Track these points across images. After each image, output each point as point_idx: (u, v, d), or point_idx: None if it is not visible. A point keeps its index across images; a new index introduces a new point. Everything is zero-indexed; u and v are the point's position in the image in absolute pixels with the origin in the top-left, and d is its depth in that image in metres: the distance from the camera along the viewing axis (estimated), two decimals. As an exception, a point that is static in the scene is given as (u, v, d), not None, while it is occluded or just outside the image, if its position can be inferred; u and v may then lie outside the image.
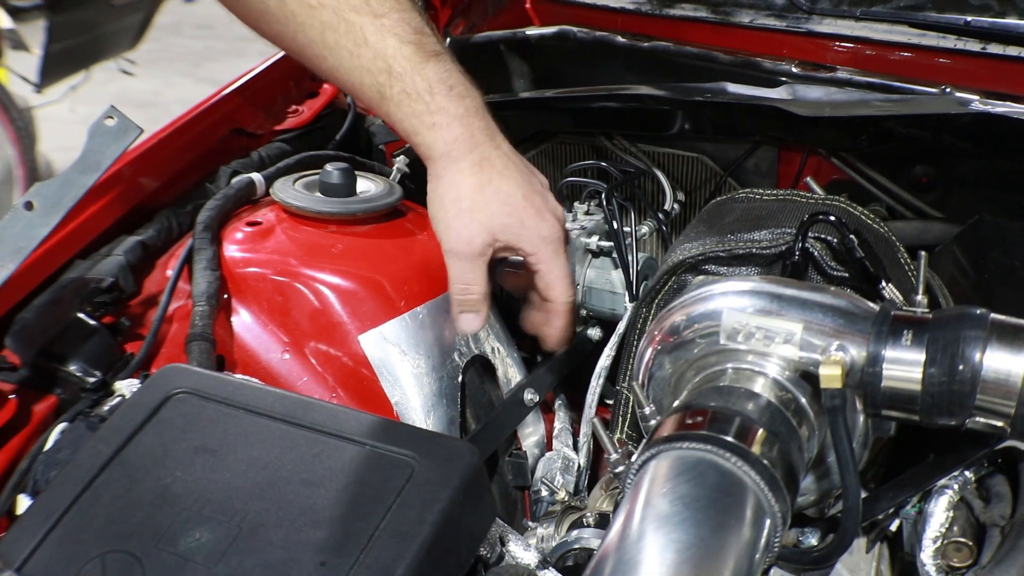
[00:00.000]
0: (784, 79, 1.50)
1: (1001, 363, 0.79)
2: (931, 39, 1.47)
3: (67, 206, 1.04)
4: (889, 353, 0.82)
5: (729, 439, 0.80)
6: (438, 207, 1.09)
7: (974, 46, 1.45)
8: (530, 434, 1.37)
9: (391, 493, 0.80)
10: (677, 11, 1.68)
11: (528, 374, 1.36)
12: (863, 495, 0.98)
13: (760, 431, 0.84)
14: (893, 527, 0.97)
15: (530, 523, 1.26)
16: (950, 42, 1.46)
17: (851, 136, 1.42)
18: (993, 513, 0.88)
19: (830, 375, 0.82)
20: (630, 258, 1.38)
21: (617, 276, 1.40)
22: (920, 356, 0.81)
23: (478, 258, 1.09)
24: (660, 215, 1.51)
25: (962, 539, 0.88)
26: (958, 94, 1.37)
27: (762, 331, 0.89)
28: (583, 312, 1.46)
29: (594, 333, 1.44)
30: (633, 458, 0.85)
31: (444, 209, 1.08)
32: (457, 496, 0.80)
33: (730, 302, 0.92)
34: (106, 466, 0.86)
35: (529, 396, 1.31)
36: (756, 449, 0.82)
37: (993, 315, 0.82)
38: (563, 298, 1.15)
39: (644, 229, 1.48)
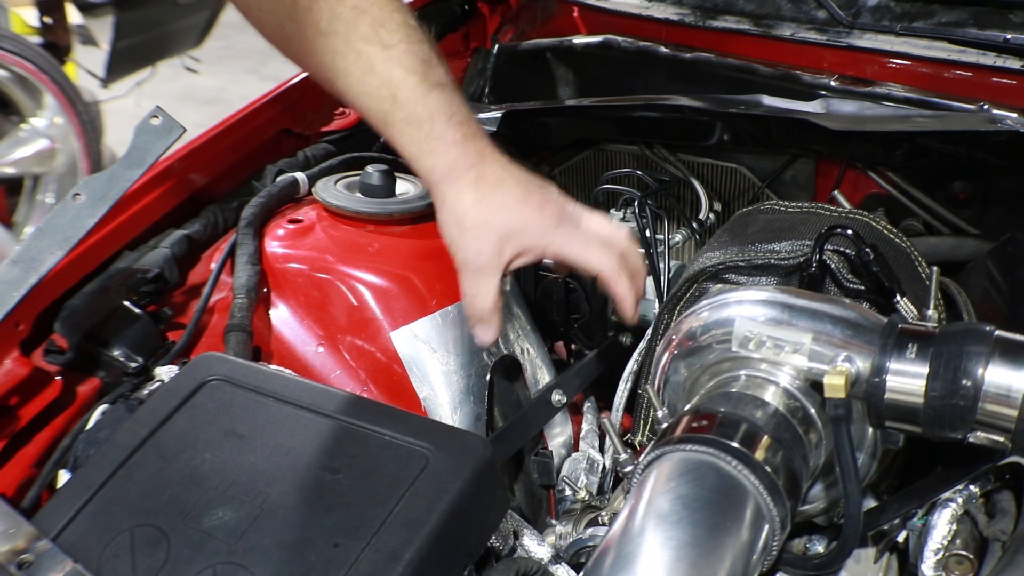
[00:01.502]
0: (823, 92, 1.51)
1: (1003, 378, 0.81)
2: (971, 56, 1.47)
3: (113, 199, 1.09)
4: (893, 365, 0.84)
5: (731, 443, 0.83)
6: (446, 229, 1.12)
7: (1014, 63, 1.45)
8: (558, 435, 1.40)
9: (405, 482, 0.83)
10: (720, 23, 1.70)
11: (558, 376, 1.39)
12: (872, 505, 1.00)
13: (765, 438, 0.86)
14: (900, 538, 0.98)
15: (552, 521, 1.29)
16: (990, 59, 1.46)
17: (885, 150, 1.43)
18: (996, 528, 0.89)
19: (834, 384, 0.84)
20: (662, 265, 1.41)
21: (649, 283, 1.42)
22: (924, 369, 0.83)
23: (489, 271, 1.11)
24: (695, 224, 1.53)
25: (964, 552, 0.89)
26: (995, 111, 1.37)
27: (772, 340, 0.92)
28: (614, 318, 1.49)
29: (625, 339, 1.47)
30: (640, 458, 0.88)
31: (451, 229, 1.11)
32: (468, 487, 0.83)
33: (744, 311, 0.95)
34: (141, 446, 0.91)
35: (557, 397, 1.34)
36: (760, 455, 0.84)
37: (998, 332, 0.83)
38: (603, 265, 1.14)
39: (678, 238, 1.50)
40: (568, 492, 1.33)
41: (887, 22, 1.55)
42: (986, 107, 1.39)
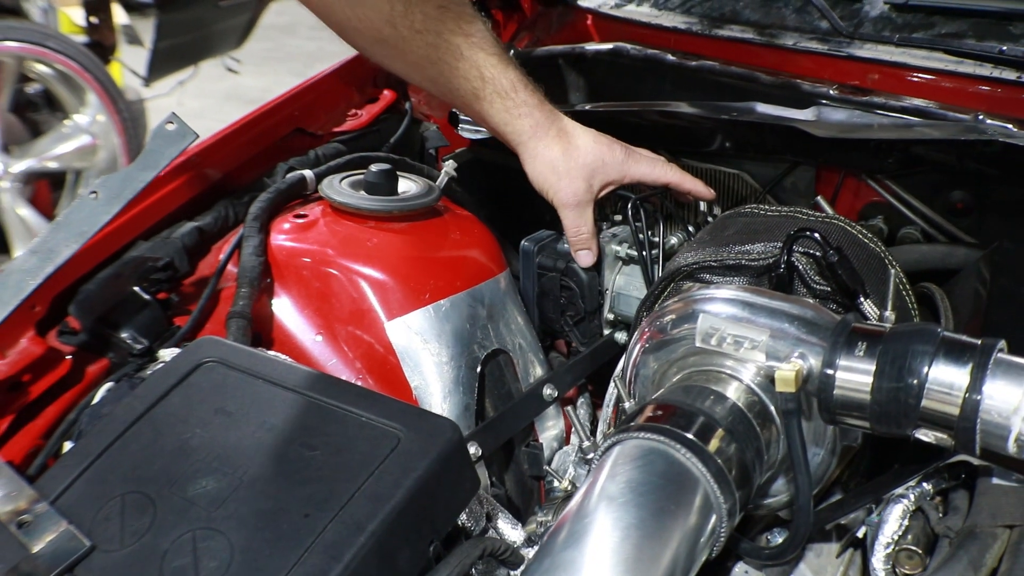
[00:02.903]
0: (823, 101, 1.54)
1: (946, 376, 0.84)
2: (968, 67, 1.49)
3: (127, 198, 1.17)
4: (843, 362, 0.88)
5: (682, 433, 0.87)
6: (542, 178, 1.38)
7: (1010, 74, 1.47)
8: (550, 428, 1.45)
9: (376, 460, 0.89)
10: (725, 32, 1.73)
11: (550, 371, 1.44)
12: (835, 499, 1.04)
13: (719, 430, 0.90)
14: (860, 534, 1.02)
15: (536, 509, 1.34)
16: (986, 70, 1.48)
17: (878, 158, 1.46)
18: (945, 525, 0.93)
19: (784, 378, 0.88)
20: (656, 267, 1.45)
21: (641, 283, 1.46)
22: (871, 366, 0.87)
23: (584, 206, 1.39)
24: (691, 228, 1.57)
25: (914, 547, 0.92)
26: (988, 121, 1.40)
27: (733, 336, 0.96)
28: (611, 316, 1.53)
29: (620, 337, 1.51)
30: (600, 444, 0.92)
31: (546, 177, 1.37)
32: (434, 467, 0.89)
33: (709, 307, 0.99)
34: (137, 420, 0.98)
35: (548, 392, 1.39)
36: (712, 446, 0.88)
37: (945, 332, 0.87)
38: (671, 176, 1.44)
39: (673, 240, 1.54)
40: (556, 483, 1.38)
41: (887, 32, 1.58)
42: (980, 117, 1.42)
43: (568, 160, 1.36)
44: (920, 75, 1.53)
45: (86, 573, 0.83)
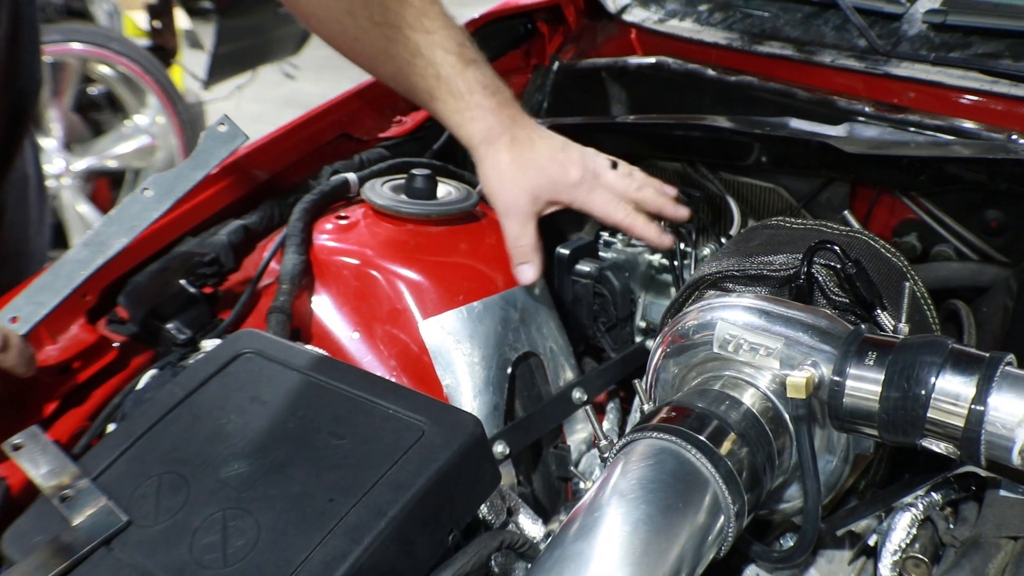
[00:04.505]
0: (859, 118, 1.56)
1: (953, 387, 0.86)
2: (1003, 87, 1.50)
3: (177, 195, 1.22)
4: (853, 371, 0.90)
5: (694, 434, 0.90)
6: (486, 184, 1.35)
7: (1046, 95, 1.48)
8: (579, 431, 1.47)
9: (399, 450, 0.93)
10: (765, 48, 1.76)
11: (581, 376, 1.47)
12: (851, 506, 1.06)
13: (731, 433, 0.93)
14: (872, 541, 1.03)
15: (561, 508, 1.37)
16: (1022, 90, 1.49)
17: (911, 176, 1.47)
18: (953, 535, 0.95)
19: (795, 385, 0.91)
20: (686, 276, 1.48)
21: (675, 293, 1.49)
22: (880, 376, 0.89)
23: (525, 217, 1.34)
24: (723, 240, 1.59)
25: (920, 556, 0.94)
26: (1022, 141, 1.41)
27: (748, 343, 0.99)
28: (643, 324, 1.56)
29: (651, 344, 1.54)
30: (616, 443, 0.96)
31: (491, 183, 1.35)
32: (455, 459, 0.92)
33: (726, 314, 1.02)
34: (177, 406, 1.03)
35: (577, 395, 1.42)
36: (724, 448, 0.91)
37: (954, 344, 0.89)
38: (618, 216, 1.38)
39: (705, 251, 1.57)
40: (582, 485, 1.41)
41: (924, 51, 1.60)
42: (1014, 137, 1.43)
43: (515, 170, 1.33)
44: (956, 94, 1.55)
45: (122, 546, 0.88)
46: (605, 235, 1.58)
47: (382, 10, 1.26)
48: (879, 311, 1.03)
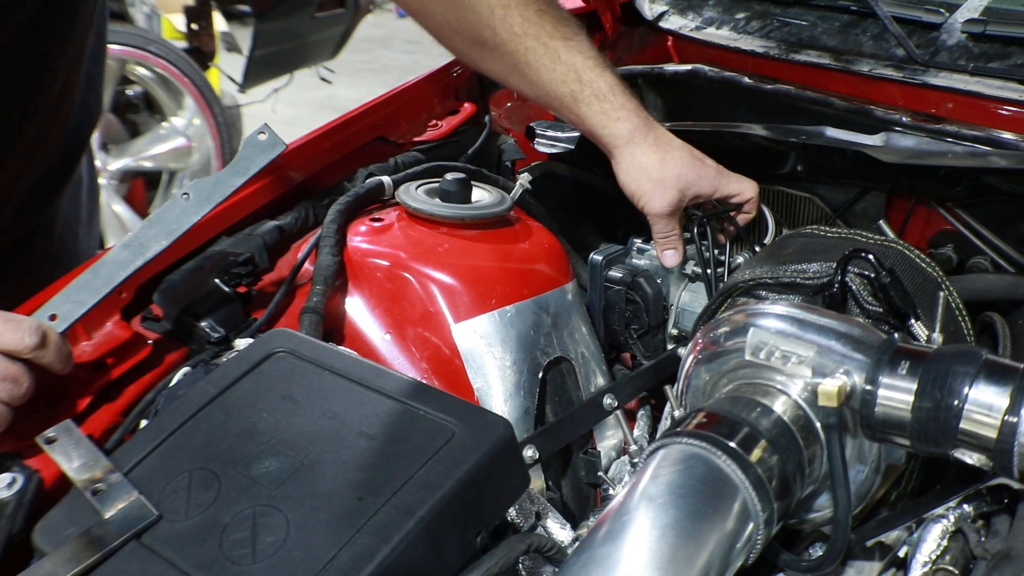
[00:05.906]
0: (896, 128, 1.55)
1: (986, 398, 0.86)
2: (1042, 97, 1.49)
3: (216, 201, 1.22)
4: (885, 380, 0.90)
5: (724, 440, 0.90)
6: (635, 184, 1.41)
7: (1086, 107, 1.46)
8: (609, 437, 1.47)
9: (430, 451, 0.93)
10: (802, 57, 1.75)
11: (612, 382, 1.47)
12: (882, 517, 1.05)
13: (762, 441, 0.92)
14: (902, 553, 1.02)
15: (590, 514, 1.37)
16: (1061, 102, 1.48)
17: (947, 186, 1.46)
18: (984, 547, 0.93)
19: (827, 393, 0.90)
20: (720, 284, 1.47)
21: (708, 300, 1.49)
22: (913, 385, 0.88)
23: (674, 214, 1.42)
24: (757, 248, 1.58)
25: (951, 567, 0.93)
26: (1059, 152, 1.39)
27: (780, 351, 0.98)
28: (675, 331, 1.56)
29: (683, 351, 1.53)
30: (647, 447, 0.95)
31: (640, 184, 1.40)
32: (484, 461, 0.92)
33: (760, 322, 1.02)
34: (209, 403, 1.04)
35: (608, 401, 1.41)
36: (754, 455, 0.91)
37: (988, 355, 0.88)
38: (754, 191, 1.50)
39: (739, 259, 1.56)
40: (611, 491, 1.41)
41: (963, 61, 1.58)
42: (1053, 148, 1.42)
43: (663, 169, 1.38)
44: (994, 105, 1.53)
45: (152, 540, 0.89)
46: (638, 242, 1.58)
47: (521, 21, 1.32)
48: (913, 321, 1.02)
